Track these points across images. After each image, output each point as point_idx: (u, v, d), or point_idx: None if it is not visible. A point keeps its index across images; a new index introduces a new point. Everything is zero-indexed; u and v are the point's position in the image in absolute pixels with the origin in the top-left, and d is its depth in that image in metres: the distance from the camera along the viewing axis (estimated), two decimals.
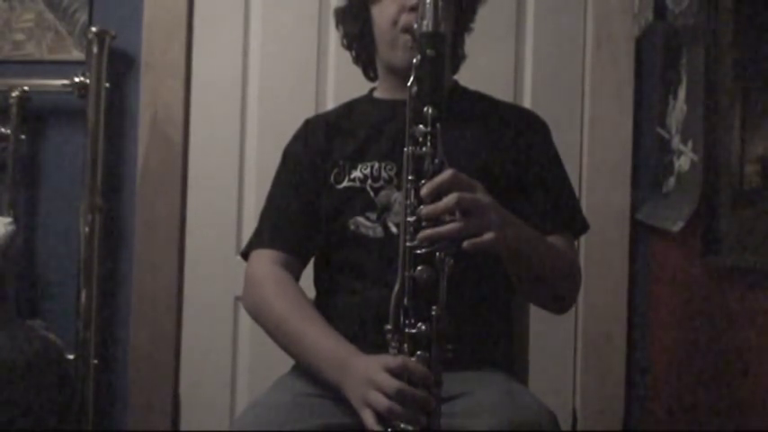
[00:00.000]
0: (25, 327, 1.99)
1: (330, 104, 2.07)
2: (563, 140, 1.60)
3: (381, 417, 1.05)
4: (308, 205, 1.36)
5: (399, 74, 1.30)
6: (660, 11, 1.83)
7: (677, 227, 1.62)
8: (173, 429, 2.13)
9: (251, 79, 2.16)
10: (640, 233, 2.01)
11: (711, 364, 1.52)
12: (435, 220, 1.06)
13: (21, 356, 1.78)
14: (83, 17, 2.14)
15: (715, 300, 1.52)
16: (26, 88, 2.11)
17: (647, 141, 2.01)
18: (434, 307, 1.05)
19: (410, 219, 1.06)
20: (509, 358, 1.37)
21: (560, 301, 1.33)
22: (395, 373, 1.05)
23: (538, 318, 1.50)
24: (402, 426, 1.03)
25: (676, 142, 1.74)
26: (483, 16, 1.48)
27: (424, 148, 1.07)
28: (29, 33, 2.16)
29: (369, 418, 1.07)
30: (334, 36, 2.09)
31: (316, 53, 2.13)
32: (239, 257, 1.44)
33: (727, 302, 1.46)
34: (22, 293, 2.13)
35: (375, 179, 1.33)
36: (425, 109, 1.07)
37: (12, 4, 2.16)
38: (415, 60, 1.08)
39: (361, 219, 1.32)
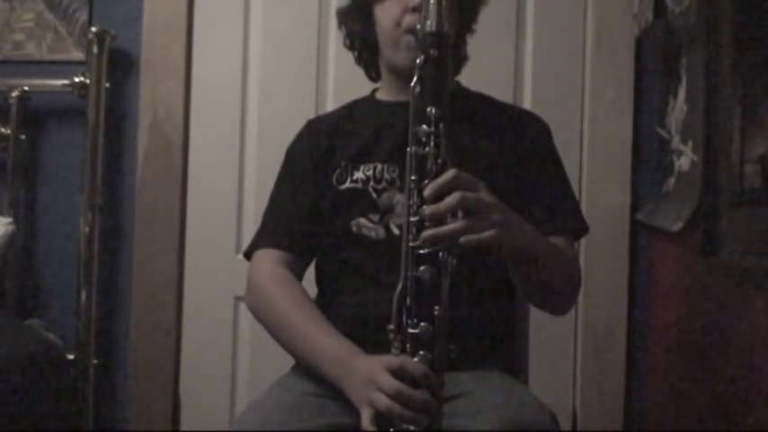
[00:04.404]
0: (25, 327, 1.99)
1: (330, 105, 2.07)
2: (563, 140, 1.60)
3: (383, 417, 1.05)
4: (311, 205, 1.36)
5: (402, 75, 1.31)
6: (660, 11, 1.83)
7: (677, 227, 1.63)
8: (173, 429, 2.13)
9: (251, 79, 2.15)
10: (640, 233, 2.01)
11: (711, 364, 1.52)
12: (438, 220, 1.05)
13: (21, 357, 1.78)
14: (83, 17, 2.14)
15: (715, 299, 1.52)
16: (26, 88, 2.11)
17: (647, 141, 2.01)
18: (437, 307, 1.05)
19: (413, 219, 1.06)
20: (509, 358, 1.38)
21: (560, 302, 1.33)
22: (395, 373, 1.05)
23: (538, 318, 1.50)
24: (404, 426, 1.03)
25: (676, 142, 1.74)
26: (483, 16, 1.47)
27: (427, 148, 1.07)
28: (29, 33, 2.16)
29: (366, 419, 1.07)
30: (334, 36, 2.09)
31: (316, 53, 2.13)
32: (239, 257, 1.45)
33: (727, 302, 1.46)
34: (22, 293, 2.13)
35: (377, 181, 1.33)
36: (428, 109, 1.07)
37: (12, 4, 2.16)
38: (418, 60, 1.08)
39: (363, 220, 1.32)
